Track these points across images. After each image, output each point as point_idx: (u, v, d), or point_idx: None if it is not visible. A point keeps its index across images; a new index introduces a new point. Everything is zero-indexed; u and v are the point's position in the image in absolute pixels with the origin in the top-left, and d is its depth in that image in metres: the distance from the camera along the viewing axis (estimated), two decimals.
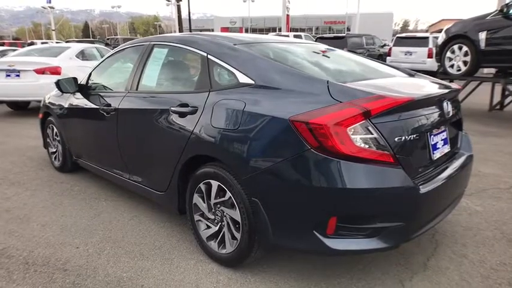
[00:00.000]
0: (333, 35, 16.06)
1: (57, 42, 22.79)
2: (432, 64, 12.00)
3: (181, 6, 26.99)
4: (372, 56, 13.97)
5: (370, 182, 1.80)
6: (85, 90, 3.53)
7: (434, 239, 2.64)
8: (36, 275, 2.26)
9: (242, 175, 2.03)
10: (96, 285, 2.16)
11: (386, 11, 41.81)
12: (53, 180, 3.93)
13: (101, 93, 3.29)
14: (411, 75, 2.70)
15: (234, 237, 2.21)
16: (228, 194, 2.15)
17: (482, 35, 6.37)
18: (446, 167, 2.21)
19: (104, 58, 3.51)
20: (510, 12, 6.05)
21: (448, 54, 7.14)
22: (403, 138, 1.90)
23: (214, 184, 2.24)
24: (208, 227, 2.38)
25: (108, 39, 21.98)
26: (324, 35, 15.80)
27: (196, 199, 2.40)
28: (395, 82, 2.36)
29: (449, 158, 2.33)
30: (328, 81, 1.96)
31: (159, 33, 75.04)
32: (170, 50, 2.80)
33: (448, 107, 2.24)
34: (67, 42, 20.27)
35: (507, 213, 3.07)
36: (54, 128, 4.06)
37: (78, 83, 3.59)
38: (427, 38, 13.74)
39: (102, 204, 3.30)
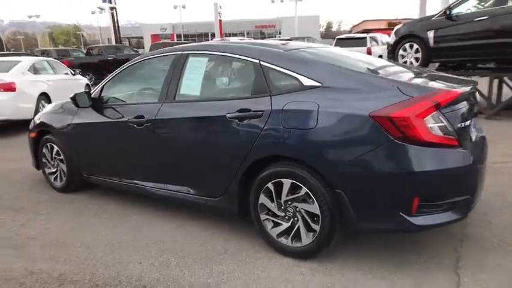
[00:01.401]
0: (281, 38, 16.70)
1: None
2: None
3: (108, 15, 25.88)
4: None
5: (446, 163, 2.08)
6: (99, 104, 3.40)
7: None
8: None
9: (324, 170, 2.19)
10: None
11: (313, 13, 44.01)
12: (61, 201, 3.70)
13: (124, 106, 3.22)
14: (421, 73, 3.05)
15: (310, 230, 2.35)
16: (304, 190, 2.30)
17: (431, 34, 7.14)
18: (479, 147, 2.57)
19: (117, 71, 3.41)
20: (452, 13, 6.87)
21: (401, 52, 7.87)
22: (460, 124, 2.21)
23: (286, 182, 2.36)
24: (277, 224, 2.50)
25: (37, 51, 20.30)
26: (272, 39, 16.32)
27: (263, 199, 2.50)
28: (435, 77, 2.68)
29: (476, 139, 2.70)
30: (394, 79, 2.21)
31: (83, 44, 70.58)
32: (212, 58, 2.86)
33: (476, 96, 2.62)
34: None
35: (502, 184, 3.56)
36: (55, 146, 3.83)
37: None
38: (365, 38, 14.87)
39: (133, 219, 3.22)
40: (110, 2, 25.17)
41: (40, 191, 4.01)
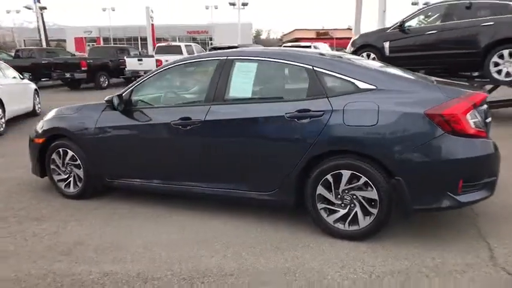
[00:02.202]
0: (227, 45, 16.96)
1: None
2: None
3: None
4: None
5: (480, 151, 2.58)
6: (130, 106, 3.42)
7: None
8: (214, 284, 2.34)
9: (386, 160, 2.56)
10: (275, 277, 2.39)
11: (246, 21, 45.12)
12: (84, 208, 3.58)
13: (163, 108, 3.30)
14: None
15: (367, 214, 2.70)
16: (363, 179, 2.64)
17: (387, 45, 8.00)
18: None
19: (148, 75, 3.44)
20: (405, 26, 7.79)
21: None
22: (486, 120, 2.73)
23: (346, 173, 2.69)
24: (333, 211, 2.80)
25: None
26: (218, 45, 16.58)
27: (321, 189, 2.79)
28: (450, 83, 3.21)
29: None
30: (434, 83, 2.66)
31: None
32: (261, 63, 3.07)
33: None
34: None
35: None
36: (69, 151, 3.70)
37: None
38: (309, 46, 15.84)
39: (174, 220, 3.27)
40: (39, 2, 23.27)
41: (47, 199, 3.83)
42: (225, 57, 3.16)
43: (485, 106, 2.75)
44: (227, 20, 52.87)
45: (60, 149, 3.76)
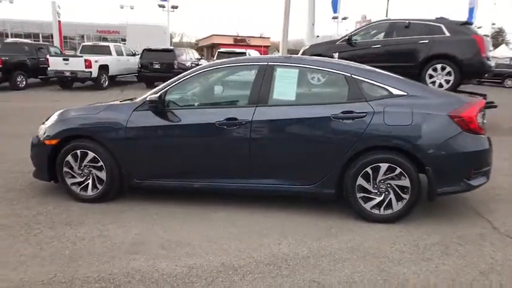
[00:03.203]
0: (162, 47, 16.63)
1: None
2: None
3: None
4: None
5: (484, 145, 3.28)
6: (164, 107, 3.47)
7: None
8: (299, 266, 2.62)
9: (419, 153, 3.11)
10: (346, 255, 2.76)
11: (162, 24, 44.07)
12: (108, 211, 3.49)
13: (205, 109, 3.46)
14: None
15: (399, 199, 3.22)
16: (398, 170, 3.16)
17: (336, 55, 8.87)
18: None
19: (183, 77, 3.51)
20: (352, 39, 8.75)
21: None
22: (484, 121, 3.45)
23: (384, 165, 3.18)
24: (369, 199, 3.27)
25: None
26: (152, 48, 16.11)
27: (360, 181, 3.24)
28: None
29: None
30: (450, 91, 3.31)
31: None
32: (302, 70, 3.41)
33: None
34: None
35: None
36: (90, 153, 3.56)
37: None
38: (244, 53, 16.46)
39: (222, 215, 3.42)
40: None
41: (59, 204, 3.63)
42: (266, 63, 3.43)
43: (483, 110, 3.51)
44: (140, 21, 50.95)
45: (78, 151, 3.60)
